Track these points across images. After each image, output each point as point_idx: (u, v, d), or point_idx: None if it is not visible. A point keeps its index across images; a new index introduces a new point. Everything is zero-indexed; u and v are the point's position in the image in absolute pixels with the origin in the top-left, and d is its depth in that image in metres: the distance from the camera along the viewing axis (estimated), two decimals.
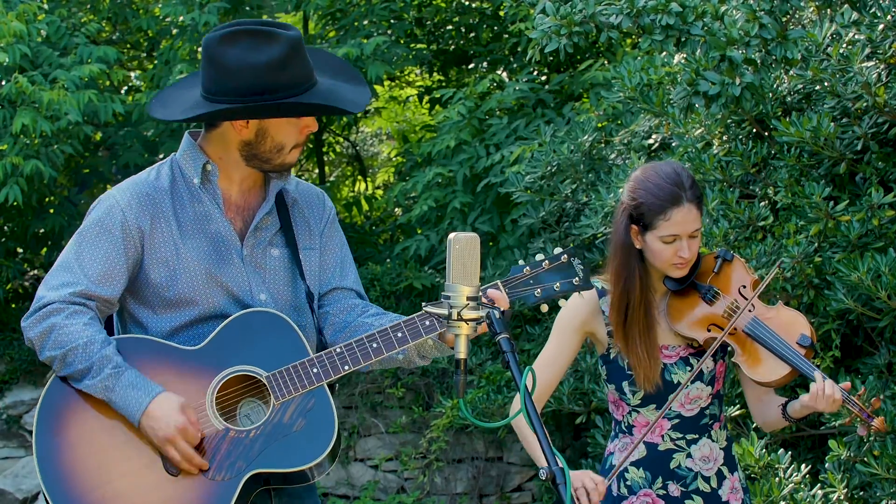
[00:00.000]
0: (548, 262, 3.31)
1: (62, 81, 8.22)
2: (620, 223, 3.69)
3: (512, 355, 2.86)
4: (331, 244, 3.51)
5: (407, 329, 3.28)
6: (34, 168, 8.13)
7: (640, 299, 3.67)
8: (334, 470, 8.33)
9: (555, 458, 2.76)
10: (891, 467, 4.50)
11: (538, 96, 8.63)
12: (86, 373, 3.20)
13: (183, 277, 3.29)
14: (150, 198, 3.32)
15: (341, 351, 3.27)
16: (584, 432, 7.03)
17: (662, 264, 3.65)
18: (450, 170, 8.38)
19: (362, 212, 10.68)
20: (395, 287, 8.53)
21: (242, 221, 3.39)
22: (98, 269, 3.26)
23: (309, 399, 3.26)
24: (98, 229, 3.29)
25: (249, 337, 3.28)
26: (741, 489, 3.81)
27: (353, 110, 3.31)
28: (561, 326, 3.78)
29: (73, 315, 3.22)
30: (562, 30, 4.83)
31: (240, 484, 3.20)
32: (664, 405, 3.69)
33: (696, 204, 3.61)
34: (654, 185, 3.62)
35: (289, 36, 3.23)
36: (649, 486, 3.73)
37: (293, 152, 3.34)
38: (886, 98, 4.68)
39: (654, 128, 6.19)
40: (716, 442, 3.76)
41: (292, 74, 3.23)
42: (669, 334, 3.72)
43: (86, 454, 3.20)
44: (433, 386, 8.17)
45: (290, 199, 3.46)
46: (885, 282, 4.53)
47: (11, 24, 8.16)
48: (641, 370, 3.67)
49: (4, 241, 9.56)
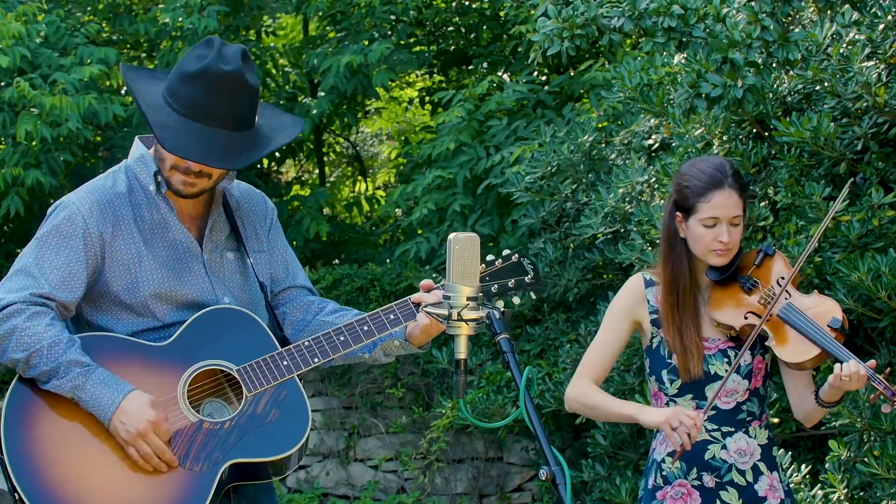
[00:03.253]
0: (500, 261, 3.52)
1: (62, 84, 8.21)
2: (667, 212, 3.84)
3: (512, 355, 2.87)
4: (279, 245, 3.56)
5: (373, 322, 3.37)
6: (35, 180, 8.14)
7: (689, 285, 3.78)
8: (334, 470, 8.34)
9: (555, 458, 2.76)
10: (891, 467, 4.50)
11: (538, 97, 8.64)
12: (52, 374, 3.18)
13: (144, 284, 3.29)
14: (111, 205, 3.31)
15: (310, 344, 3.34)
16: (584, 432, 7.03)
17: (703, 250, 3.74)
18: (450, 172, 8.38)
19: (363, 212, 10.68)
20: (395, 287, 8.52)
21: (197, 228, 3.40)
22: (59, 275, 3.24)
23: (281, 391, 3.30)
24: (58, 236, 3.27)
25: (217, 332, 3.30)
26: (783, 490, 3.82)
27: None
28: (611, 313, 3.91)
29: (35, 316, 3.19)
30: (563, 32, 4.83)
31: (218, 474, 3.21)
32: (700, 395, 3.75)
33: (737, 191, 3.73)
34: (699, 170, 3.77)
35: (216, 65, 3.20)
36: (684, 477, 3.78)
37: (174, 174, 3.29)
38: (886, 98, 4.67)
39: (654, 128, 6.19)
40: (753, 438, 3.80)
41: (188, 93, 3.21)
42: (710, 326, 3.80)
43: (58, 450, 3.19)
44: (433, 386, 8.16)
45: (234, 202, 3.48)
46: (886, 282, 4.53)
47: (11, 26, 8.15)
48: (683, 358, 3.75)
49: (4, 242, 9.56)
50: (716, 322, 3.78)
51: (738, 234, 3.75)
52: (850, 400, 4.59)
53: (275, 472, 3.33)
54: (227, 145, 3.24)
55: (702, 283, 3.84)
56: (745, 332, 3.75)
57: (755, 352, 3.80)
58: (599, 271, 6.76)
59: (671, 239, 3.81)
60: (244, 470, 3.27)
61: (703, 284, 3.84)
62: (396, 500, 8.13)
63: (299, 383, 3.33)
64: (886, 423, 4.56)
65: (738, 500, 3.76)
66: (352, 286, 8.42)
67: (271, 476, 3.34)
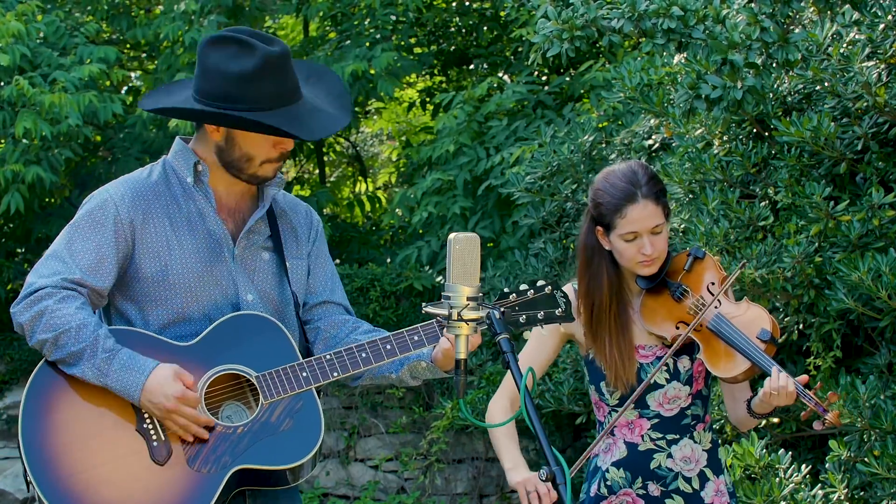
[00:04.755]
0: (532, 291, 3.35)
1: (62, 83, 8.22)
2: (584, 226, 3.75)
3: (512, 356, 2.87)
4: (321, 258, 3.57)
5: (396, 341, 3.36)
6: (35, 176, 8.15)
7: (607, 300, 3.70)
8: (334, 470, 8.34)
9: (555, 458, 2.76)
10: (891, 467, 4.50)
11: (538, 98, 8.64)
12: (79, 356, 3.21)
13: (174, 271, 3.32)
14: (143, 194, 3.36)
15: (331, 358, 3.34)
16: (584, 433, 7.04)
17: (628, 263, 3.67)
18: (449, 174, 8.38)
19: (364, 212, 10.69)
20: (396, 287, 8.53)
21: (234, 223, 3.43)
22: (89, 259, 3.28)
23: (297, 401, 3.32)
24: (90, 221, 3.31)
25: (240, 338, 3.31)
26: (727, 493, 3.78)
27: (308, 138, 3.32)
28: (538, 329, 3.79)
29: (65, 300, 3.23)
30: (563, 34, 4.84)
31: (225, 478, 3.22)
32: (641, 403, 3.70)
33: (653, 199, 3.61)
34: (610, 184, 3.65)
35: (268, 51, 3.26)
36: (629, 486, 3.73)
37: (265, 166, 3.36)
38: (887, 98, 4.68)
39: (654, 128, 6.19)
40: (698, 443, 3.74)
41: (260, 90, 3.26)
42: (644, 334, 3.73)
43: (72, 439, 3.21)
44: (433, 386, 8.17)
45: (279, 209, 3.51)
46: (886, 282, 4.53)
47: (10, 24, 8.15)
48: (613, 370, 3.68)
49: (4, 241, 9.56)
50: (646, 330, 3.72)
51: (662, 241, 3.65)
52: (850, 400, 4.59)
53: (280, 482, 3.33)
54: (312, 112, 3.33)
55: (633, 292, 3.77)
56: (674, 340, 3.68)
57: (694, 356, 3.73)
58: None
59: (588, 253, 3.74)
60: (252, 476, 3.28)
61: (635, 291, 3.77)
62: (396, 500, 8.14)
63: (316, 396, 3.34)
64: (886, 422, 4.56)
65: None
66: (352, 286, 8.43)
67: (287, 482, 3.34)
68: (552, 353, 3.83)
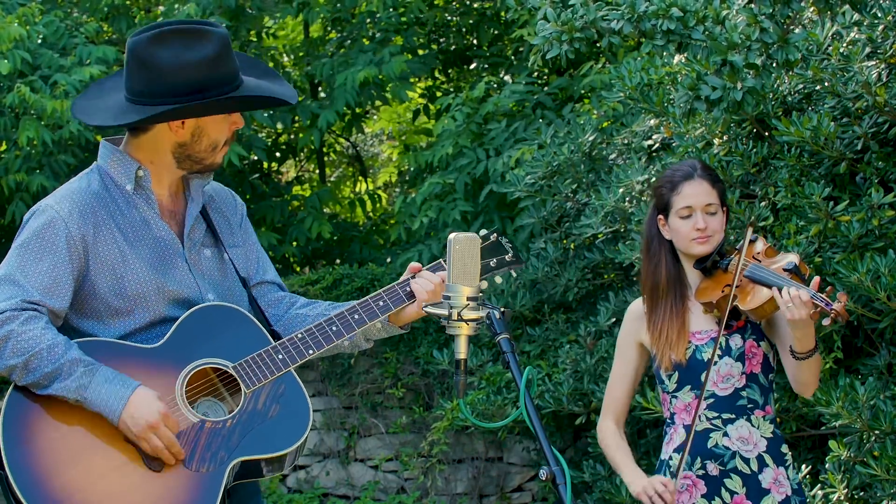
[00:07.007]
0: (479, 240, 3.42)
1: (63, 86, 8.21)
2: (648, 218, 3.99)
3: (512, 356, 2.87)
4: (250, 240, 3.54)
5: (363, 311, 3.38)
6: (39, 186, 8.15)
7: (664, 284, 3.89)
8: (334, 470, 8.34)
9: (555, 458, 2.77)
10: (891, 468, 4.50)
11: (537, 98, 8.63)
12: (54, 376, 3.11)
13: (130, 283, 3.25)
14: (90, 206, 3.26)
15: (303, 336, 3.32)
16: (584, 433, 7.03)
17: (685, 242, 3.86)
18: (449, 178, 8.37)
19: (366, 210, 10.69)
20: None
21: (176, 225, 3.37)
22: (45, 281, 3.18)
23: (279, 385, 3.29)
24: (41, 243, 3.20)
25: (209, 330, 3.28)
26: (791, 488, 3.82)
27: (291, 101, 3.34)
28: (618, 342, 4.05)
29: (29, 321, 3.13)
30: (563, 36, 4.85)
31: (225, 473, 3.19)
32: (697, 384, 3.82)
33: (708, 180, 3.88)
34: (670, 171, 3.98)
35: (218, 33, 3.25)
36: (689, 469, 3.82)
37: (222, 150, 3.35)
38: (887, 98, 4.68)
39: (654, 128, 6.19)
40: (757, 428, 3.82)
41: (224, 71, 3.25)
42: (700, 320, 3.88)
43: (62, 459, 3.12)
44: (433, 386, 8.17)
45: (207, 198, 3.46)
46: (885, 283, 4.53)
47: (11, 29, 8.14)
48: (660, 346, 3.85)
49: (5, 241, 9.56)
50: (702, 307, 3.86)
51: (717, 222, 3.86)
52: (849, 400, 4.59)
53: (274, 469, 3.30)
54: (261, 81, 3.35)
55: (689, 282, 3.93)
56: (721, 307, 3.81)
57: (745, 335, 3.86)
58: (600, 271, 6.77)
59: (650, 242, 3.97)
60: (245, 467, 3.25)
61: (691, 282, 3.93)
62: (396, 500, 8.14)
63: (296, 376, 3.32)
64: (886, 423, 4.56)
65: (742, 487, 3.78)
66: (352, 286, 8.42)
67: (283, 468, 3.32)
68: (635, 364, 4.00)
